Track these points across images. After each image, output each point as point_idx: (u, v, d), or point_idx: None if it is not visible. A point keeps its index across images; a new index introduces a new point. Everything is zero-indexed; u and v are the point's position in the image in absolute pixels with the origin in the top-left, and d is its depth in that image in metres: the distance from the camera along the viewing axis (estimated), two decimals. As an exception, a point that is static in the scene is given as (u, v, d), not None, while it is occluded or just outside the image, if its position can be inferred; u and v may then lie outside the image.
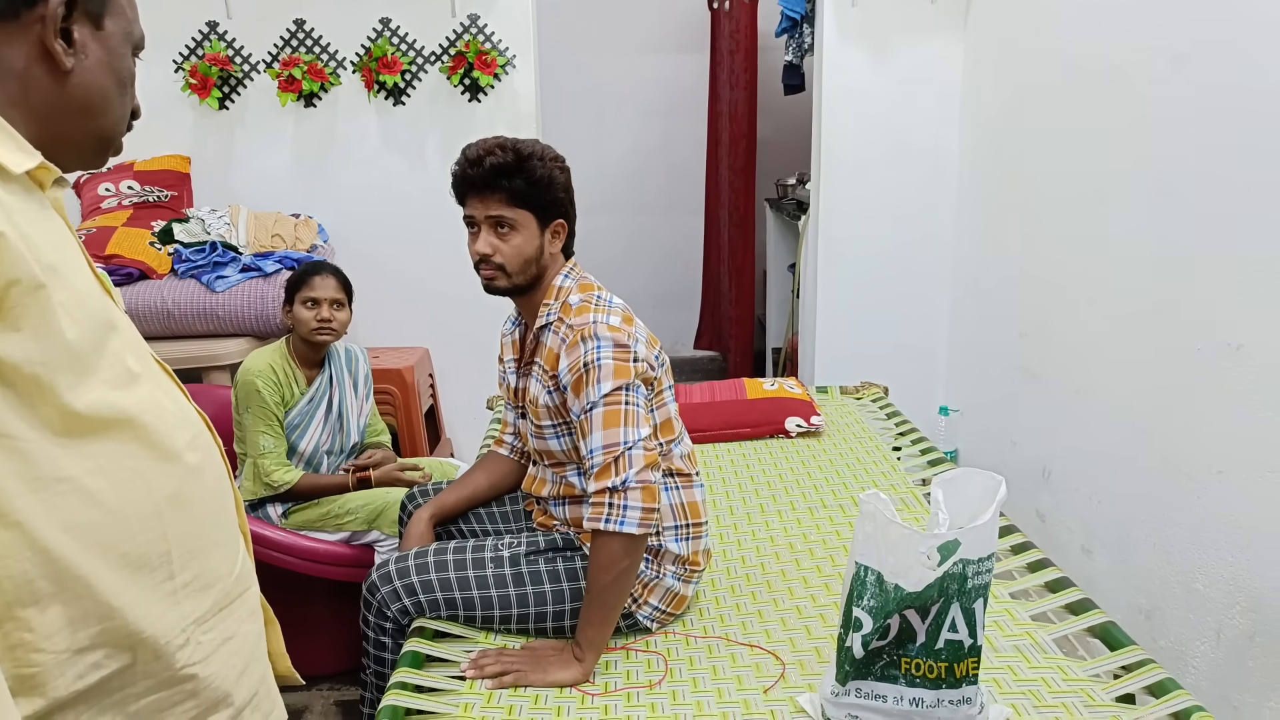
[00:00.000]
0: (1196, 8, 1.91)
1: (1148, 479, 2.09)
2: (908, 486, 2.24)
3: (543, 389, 1.62)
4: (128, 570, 0.77)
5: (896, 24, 3.14)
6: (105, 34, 0.82)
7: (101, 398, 0.75)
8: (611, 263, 5.01)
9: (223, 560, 0.88)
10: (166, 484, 0.80)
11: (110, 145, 0.87)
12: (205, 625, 0.85)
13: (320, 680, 2.40)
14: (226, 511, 0.91)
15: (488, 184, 1.55)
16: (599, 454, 1.49)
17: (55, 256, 0.73)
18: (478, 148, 1.57)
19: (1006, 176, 2.88)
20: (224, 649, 0.87)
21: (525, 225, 1.58)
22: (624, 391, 1.52)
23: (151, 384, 0.83)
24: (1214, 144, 1.86)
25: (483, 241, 1.58)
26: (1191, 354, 1.92)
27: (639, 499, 1.48)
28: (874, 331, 3.37)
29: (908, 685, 1.30)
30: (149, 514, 0.79)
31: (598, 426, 1.50)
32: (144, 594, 0.78)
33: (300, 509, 2.29)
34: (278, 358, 2.25)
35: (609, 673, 1.52)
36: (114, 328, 0.79)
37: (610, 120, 4.91)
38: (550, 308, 1.63)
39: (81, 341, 0.74)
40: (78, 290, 0.75)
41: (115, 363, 0.78)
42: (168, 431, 0.81)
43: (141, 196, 2.97)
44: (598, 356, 1.52)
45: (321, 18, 3.07)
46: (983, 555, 1.26)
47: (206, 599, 0.85)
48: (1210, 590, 1.87)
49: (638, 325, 1.62)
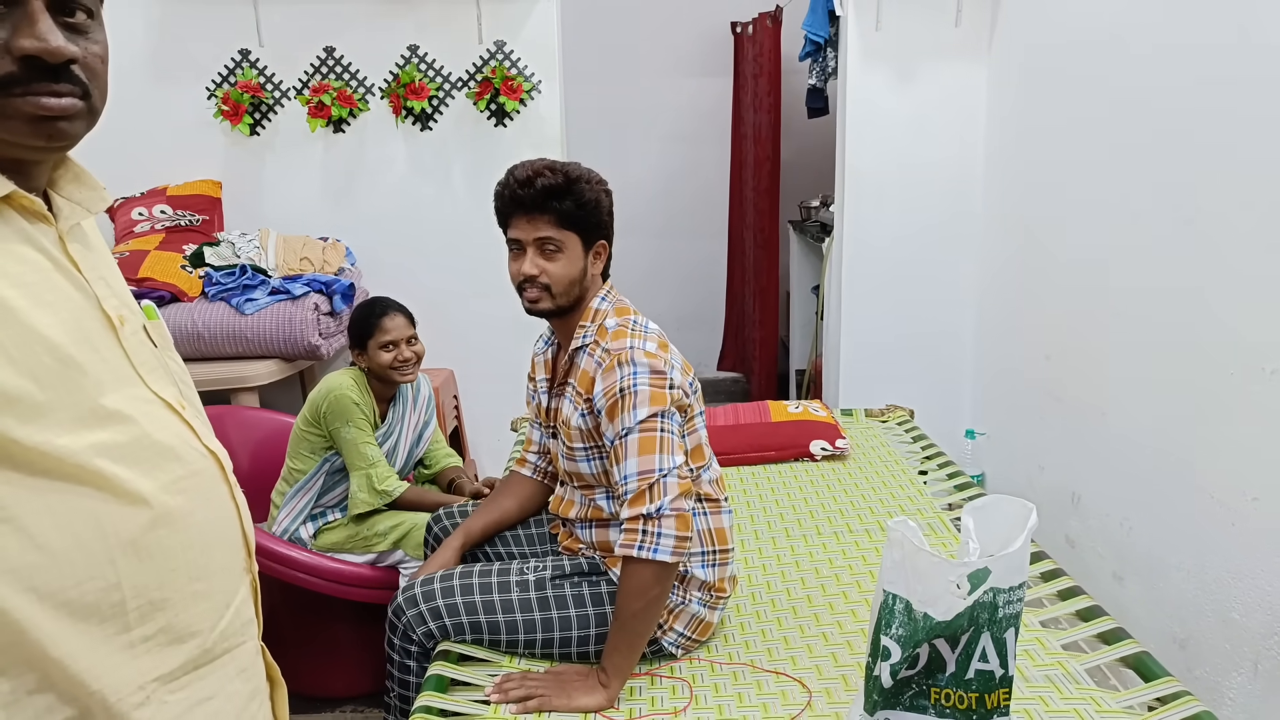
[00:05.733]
0: (1226, 30, 1.89)
1: (1180, 505, 2.05)
2: (934, 511, 2.22)
3: (575, 411, 1.62)
4: (70, 619, 0.72)
5: (921, 47, 3.14)
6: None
7: (49, 440, 0.70)
8: (636, 285, 5.00)
9: (203, 613, 0.81)
10: (125, 530, 0.74)
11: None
12: (174, 684, 0.78)
13: (344, 703, 2.40)
14: (217, 559, 0.83)
15: (537, 205, 1.55)
16: (633, 480, 1.49)
17: (9, 291, 0.69)
18: (527, 169, 1.57)
19: (1032, 198, 2.87)
20: (198, 710, 0.80)
21: (571, 247, 1.59)
22: (659, 419, 1.51)
23: (136, 422, 0.77)
24: (1244, 165, 1.84)
25: (529, 263, 1.58)
26: (1224, 378, 1.89)
27: (673, 527, 1.47)
28: (899, 354, 3.35)
29: (938, 716, 1.28)
30: (100, 561, 0.73)
31: (633, 453, 1.50)
32: (90, 645, 0.73)
33: (330, 529, 2.31)
34: (360, 381, 2.27)
35: (634, 699, 1.51)
36: (81, 368, 0.73)
37: (635, 143, 4.93)
38: (586, 330, 1.64)
39: (19, 382, 0.68)
40: (31, 328, 0.70)
41: (79, 403, 0.73)
42: (133, 475, 0.75)
43: (174, 220, 3.02)
44: (634, 383, 1.52)
45: (351, 45, 3.12)
46: (1014, 584, 1.24)
47: (176, 655, 0.78)
48: (1248, 620, 1.83)
49: (673, 351, 1.62)
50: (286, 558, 2.19)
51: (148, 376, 0.82)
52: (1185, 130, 2.03)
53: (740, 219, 4.81)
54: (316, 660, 2.33)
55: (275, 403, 3.03)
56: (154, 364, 0.84)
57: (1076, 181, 2.57)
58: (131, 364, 0.81)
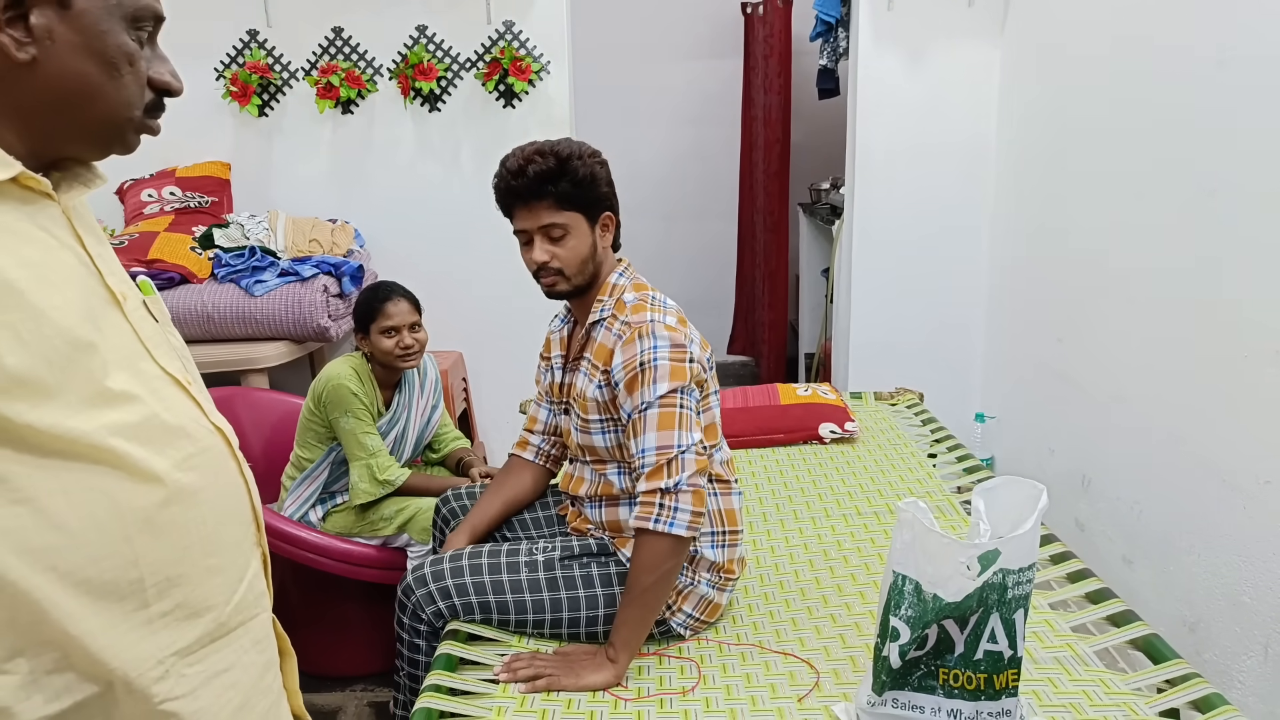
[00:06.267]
0: (1239, 8, 1.87)
1: (1191, 489, 2.04)
2: (944, 494, 2.21)
3: (591, 383, 1.62)
4: (89, 597, 0.73)
5: (933, 27, 3.11)
6: (75, 13, 0.74)
7: (61, 421, 0.70)
8: (646, 267, 4.95)
9: (218, 587, 0.82)
10: (141, 508, 0.75)
11: (120, 131, 0.80)
12: (192, 657, 0.79)
13: (353, 681, 2.42)
14: (229, 534, 0.85)
15: (534, 192, 1.55)
16: (651, 454, 1.49)
17: (17, 273, 0.69)
18: (516, 157, 1.56)
19: (1044, 181, 2.84)
20: (216, 682, 0.81)
21: (577, 226, 1.59)
22: (679, 394, 1.51)
23: (144, 400, 0.78)
24: (1258, 144, 1.82)
25: (539, 250, 1.59)
26: (1237, 361, 1.88)
27: (689, 502, 1.48)
28: (909, 337, 3.34)
29: (946, 696, 1.28)
30: (117, 539, 0.74)
31: (651, 427, 1.50)
32: (110, 622, 0.74)
33: (339, 512, 2.32)
34: (361, 369, 2.27)
35: (642, 678, 1.52)
36: (91, 346, 0.74)
37: (644, 125, 4.91)
38: (604, 304, 1.64)
39: (30, 364, 0.69)
40: (40, 309, 0.70)
41: (87, 384, 0.73)
42: (146, 454, 0.76)
43: (183, 202, 3.02)
44: (654, 356, 1.52)
45: (359, 26, 3.10)
46: (1023, 565, 1.24)
47: (193, 629, 0.80)
48: (1258, 604, 1.82)
49: (690, 327, 1.62)
50: (296, 538, 2.20)
51: (155, 352, 0.82)
52: (1200, 111, 2.01)
53: (750, 201, 4.78)
54: (326, 639, 2.35)
55: (285, 384, 3.04)
56: (158, 339, 0.84)
57: (1089, 164, 2.54)
58: (140, 339, 0.81)
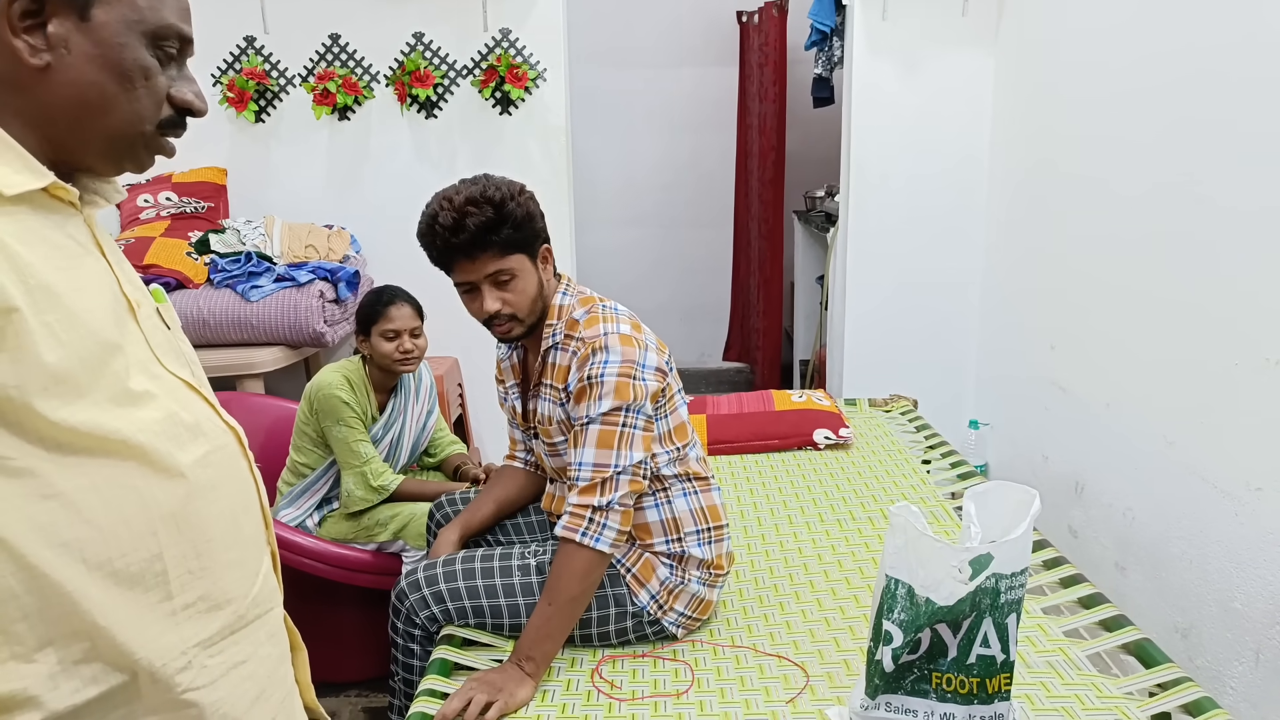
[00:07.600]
0: (1232, 17, 1.88)
1: (1183, 495, 2.05)
2: (938, 500, 2.22)
3: (555, 405, 1.62)
4: (117, 589, 0.75)
5: (927, 36, 3.13)
6: (94, 25, 0.76)
7: (93, 418, 0.73)
8: (640, 275, 5.04)
9: (236, 581, 0.85)
10: (165, 503, 0.78)
11: (132, 145, 0.82)
12: (213, 649, 0.82)
13: (349, 687, 2.41)
14: (245, 530, 0.88)
15: (477, 245, 1.49)
16: (589, 469, 1.50)
17: (54, 276, 0.72)
18: (449, 212, 1.48)
19: (1037, 189, 2.86)
20: (235, 673, 0.84)
21: (522, 267, 1.54)
22: (623, 413, 1.51)
23: (163, 400, 0.80)
24: (1251, 154, 1.83)
25: (489, 300, 1.53)
26: (1229, 368, 1.89)
27: (618, 521, 1.50)
28: (903, 344, 3.35)
29: (938, 700, 1.29)
30: (143, 533, 0.77)
31: (591, 443, 1.51)
32: (136, 614, 0.76)
33: (334, 518, 2.32)
34: (354, 375, 2.27)
35: (636, 681, 1.52)
36: (117, 348, 0.77)
37: (639, 133, 4.92)
38: (554, 327, 1.62)
39: (67, 363, 0.71)
40: (73, 312, 0.73)
41: (114, 383, 0.76)
42: (170, 449, 0.79)
43: (179, 207, 3.02)
44: (603, 372, 1.52)
45: (356, 32, 3.11)
46: (1016, 569, 1.25)
47: (214, 621, 0.82)
48: (1249, 610, 1.83)
49: (645, 332, 1.62)
50: (292, 544, 2.20)
51: (164, 358, 0.84)
52: (1193, 120, 2.03)
53: (745, 209, 4.80)
54: (322, 645, 2.32)
55: (280, 389, 3.03)
56: (168, 346, 0.87)
57: (1082, 173, 2.56)
58: (149, 346, 0.83)
